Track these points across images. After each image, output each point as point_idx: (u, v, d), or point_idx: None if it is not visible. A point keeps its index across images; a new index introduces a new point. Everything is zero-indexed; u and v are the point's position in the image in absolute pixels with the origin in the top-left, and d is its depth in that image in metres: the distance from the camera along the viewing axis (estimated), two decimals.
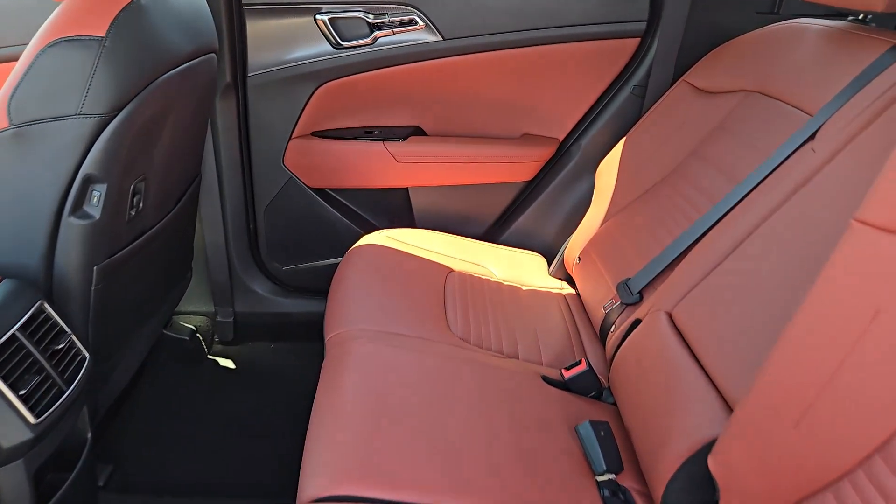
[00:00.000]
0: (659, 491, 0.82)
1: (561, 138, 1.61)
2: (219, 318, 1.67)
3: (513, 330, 1.24)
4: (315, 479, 0.78)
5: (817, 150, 0.92)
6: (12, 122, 0.87)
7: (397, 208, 1.65)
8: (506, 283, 1.41)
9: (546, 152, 1.60)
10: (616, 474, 0.90)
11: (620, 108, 1.52)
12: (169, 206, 1.25)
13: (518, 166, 1.60)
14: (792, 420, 0.62)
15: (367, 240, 1.42)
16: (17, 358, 0.80)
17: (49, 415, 0.81)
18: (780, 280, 0.82)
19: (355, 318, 1.14)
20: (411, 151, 1.57)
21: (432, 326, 1.16)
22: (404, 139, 1.57)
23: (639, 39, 1.48)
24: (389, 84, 1.54)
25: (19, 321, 0.82)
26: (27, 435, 0.78)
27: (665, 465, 0.81)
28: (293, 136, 1.56)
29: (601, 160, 1.49)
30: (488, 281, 1.39)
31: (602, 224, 1.37)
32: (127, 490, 1.19)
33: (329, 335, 1.13)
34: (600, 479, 0.88)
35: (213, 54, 1.23)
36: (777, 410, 0.64)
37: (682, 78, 1.39)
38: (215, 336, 1.69)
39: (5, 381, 0.77)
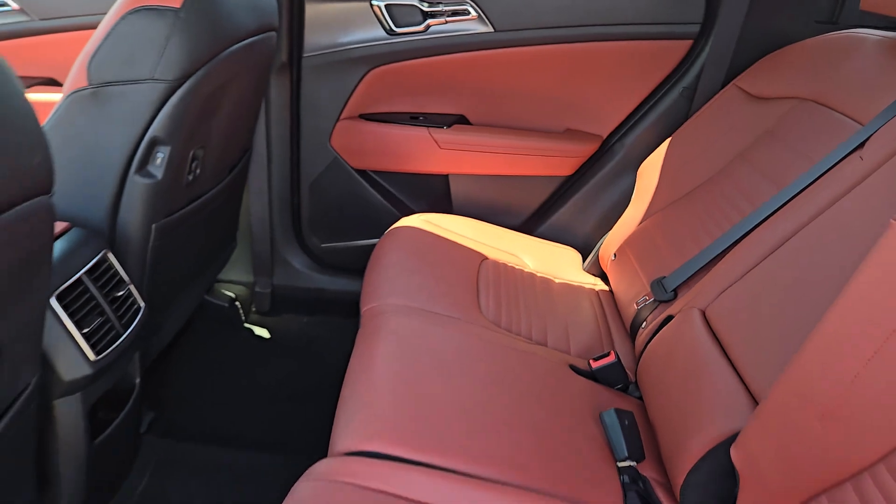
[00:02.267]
0: (679, 481, 0.84)
1: (605, 135, 1.62)
2: (257, 289, 1.73)
3: (543, 318, 1.26)
4: (347, 435, 0.82)
5: (865, 159, 0.92)
6: (91, 82, 0.93)
7: (436, 194, 1.68)
8: (539, 274, 1.43)
9: (588, 149, 1.61)
10: (637, 463, 0.92)
11: (668, 108, 1.52)
12: (222, 176, 1.31)
13: (559, 161, 1.62)
14: (817, 413, 0.64)
15: (405, 222, 1.46)
16: (82, 300, 0.86)
17: (107, 354, 0.87)
18: (816, 282, 0.82)
19: (390, 293, 1.18)
20: (454, 139, 1.60)
21: (464, 308, 1.20)
22: (448, 127, 1.60)
23: (691, 41, 1.48)
24: (438, 72, 1.57)
25: (85, 266, 0.88)
26: (87, 371, 0.84)
27: (687, 456, 0.83)
28: (341, 117, 1.60)
29: (643, 160, 1.49)
30: (521, 271, 1.41)
31: (641, 223, 1.38)
32: (167, 436, 1.26)
33: (365, 308, 1.17)
34: (621, 465, 0.90)
35: (274, 32, 1.28)
36: (803, 403, 0.65)
37: (733, 82, 1.39)
38: (253, 306, 1.76)
39: (71, 319, 0.83)
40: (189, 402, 1.38)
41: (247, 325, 1.72)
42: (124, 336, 0.92)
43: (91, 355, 0.85)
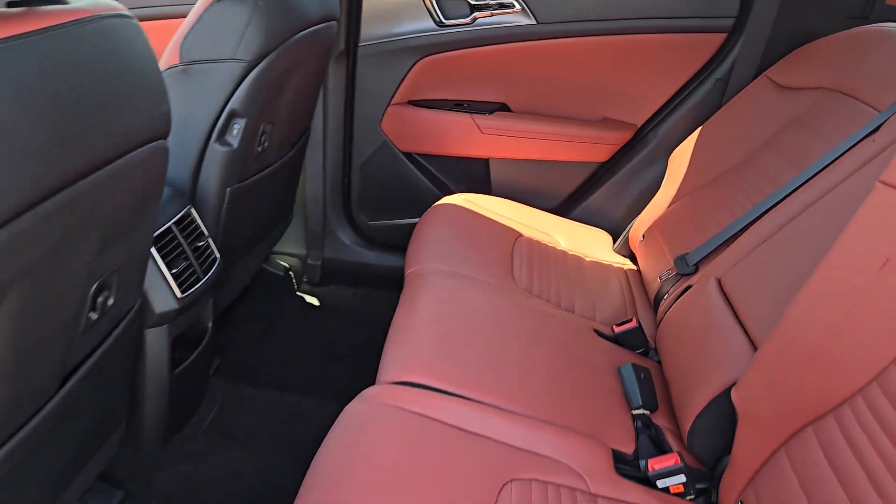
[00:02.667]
0: (686, 426, 0.93)
1: (639, 124, 1.70)
2: (309, 261, 1.88)
3: (572, 290, 1.36)
4: (392, 367, 0.94)
5: (877, 140, 0.99)
6: (182, 60, 1.08)
7: (477, 177, 1.79)
8: (571, 252, 1.52)
9: (623, 136, 1.70)
10: (651, 412, 1.01)
11: (701, 99, 1.60)
12: (284, 151, 1.45)
13: (594, 147, 1.71)
14: (805, 355, 0.72)
15: (447, 200, 1.58)
16: (171, 246, 1.01)
17: (190, 294, 1.02)
18: (821, 249, 0.90)
19: (431, 259, 1.30)
20: (496, 125, 1.71)
21: (498, 275, 1.31)
22: (490, 113, 1.71)
23: (725, 35, 1.55)
24: (483, 62, 1.68)
25: (174, 218, 1.03)
26: (174, 305, 0.99)
27: (695, 403, 0.92)
28: (391, 102, 1.73)
29: (675, 147, 1.57)
30: (554, 248, 1.51)
31: (669, 206, 1.46)
32: (230, 380, 1.41)
33: (408, 271, 1.29)
34: (635, 412, 1.00)
35: (335, 22, 1.42)
36: (794, 347, 0.74)
37: (764, 73, 1.45)
38: (304, 276, 1.90)
39: (163, 261, 0.97)
40: (248, 354, 1.53)
41: (298, 293, 1.87)
42: (203, 280, 1.07)
43: (178, 293, 0.99)
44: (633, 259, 1.56)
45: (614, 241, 1.64)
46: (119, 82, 0.57)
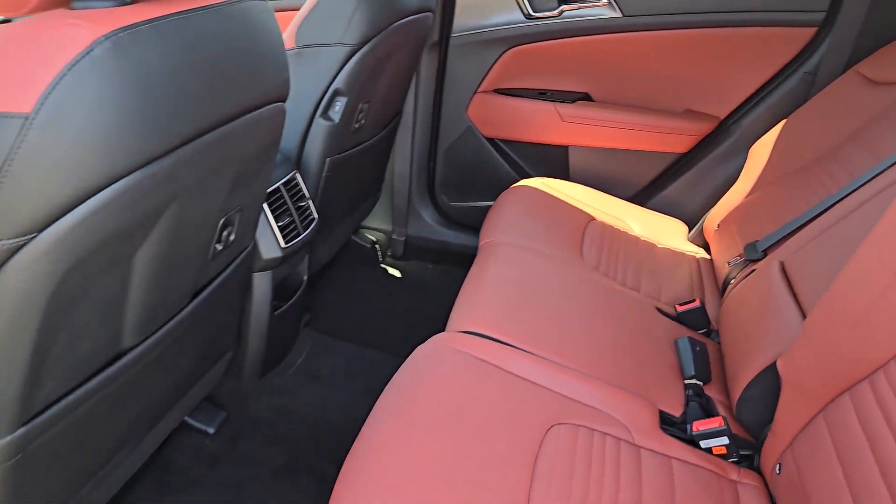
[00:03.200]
0: (736, 396, 0.98)
1: (722, 116, 1.71)
2: (393, 237, 2.03)
3: (640, 272, 1.41)
4: (460, 318, 1.06)
5: None
6: (297, 44, 1.24)
7: (556, 163, 1.87)
8: (643, 238, 1.57)
9: (705, 128, 1.71)
10: (703, 384, 1.06)
11: (787, 93, 1.59)
12: (377, 131, 1.60)
13: (676, 138, 1.73)
14: (848, 323, 0.76)
15: (525, 182, 1.66)
16: (278, 203, 1.17)
17: (291, 245, 1.18)
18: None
19: (504, 233, 1.40)
20: (577, 114, 1.78)
21: (568, 253, 1.38)
22: (572, 102, 1.78)
23: (815, 29, 1.53)
24: (568, 53, 1.75)
25: (282, 179, 1.19)
26: (277, 253, 1.15)
27: (746, 373, 0.97)
28: (478, 90, 1.84)
29: (758, 140, 1.57)
30: (626, 233, 1.56)
31: (745, 197, 1.47)
32: (318, 332, 1.58)
33: (482, 242, 1.40)
34: (688, 381, 1.05)
35: (431, 13, 1.54)
36: (839, 313, 0.78)
37: (854, 68, 1.43)
38: (388, 251, 2.06)
39: (272, 214, 1.14)
40: (335, 313, 1.70)
41: (382, 265, 2.02)
42: (303, 236, 1.22)
43: (282, 243, 1.16)
44: (707, 249, 1.58)
45: (690, 231, 1.66)
46: (254, 51, 0.72)
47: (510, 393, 0.93)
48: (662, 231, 1.63)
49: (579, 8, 1.69)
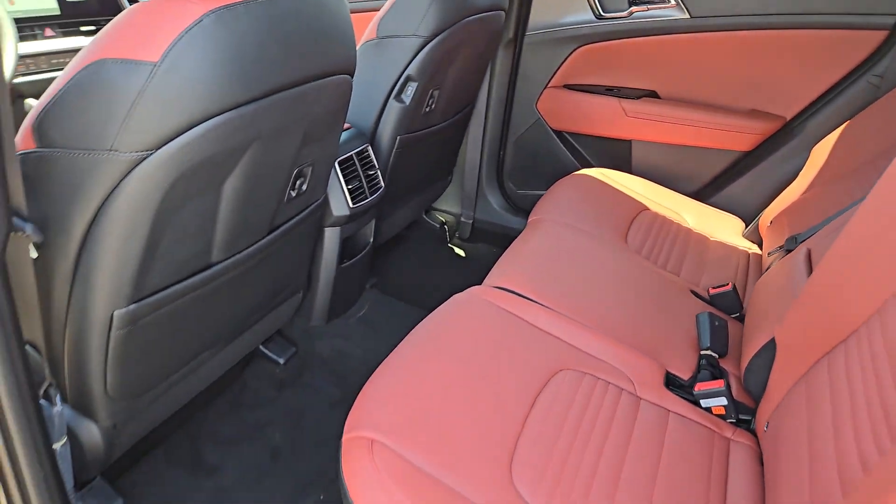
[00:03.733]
0: (744, 364, 1.04)
1: (788, 117, 1.72)
2: (462, 219, 2.18)
3: (683, 259, 1.47)
4: (496, 275, 1.19)
5: None
6: (378, 35, 1.43)
7: (619, 156, 1.94)
8: (695, 230, 1.62)
9: (770, 127, 1.73)
10: (719, 356, 1.12)
11: (854, 95, 1.58)
12: (447, 117, 1.76)
13: (740, 136, 1.76)
14: (834, 284, 0.82)
15: (585, 171, 1.76)
16: (350, 169, 1.36)
17: (358, 206, 1.36)
18: None
19: (552, 211, 1.51)
20: (642, 110, 1.85)
21: (612, 236, 1.47)
22: (637, 98, 1.85)
23: (886, 33, 1.52)
24: (636, 52, 1.83)
25: (355, 150, 1.38)
26: (346, 212, 1.34)
27: (755, 343, 1.03)
28: (548, 85, 1.96)
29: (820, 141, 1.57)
30: (678, 224, 1.62)
31: (801, 195, 1.49)
32: (381, 292, 1.77)
33: (530, 219, 1.52)
34: (703, 352, 1.12)
35: (502, 12, 1.68)
36: (827, 278, 0.84)
37: None
38: (456, 232, 2.21)
39: (343, 177, 1.33)
40: (400, 280, 1.88)
41: (450, 244, 2.18)
42: (369, 199, 1.41)
43: (350, 203, 1.34)
44: (761, 245, 1.60)
45: (746, 228, 1.68)
46: (324, 30, 0.89)
47: (527, 340, 1.05)
48: (717, 225, 1.67)
49: (648, 9, 1.77)
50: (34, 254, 0.72)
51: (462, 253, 2.15)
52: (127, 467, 1.18)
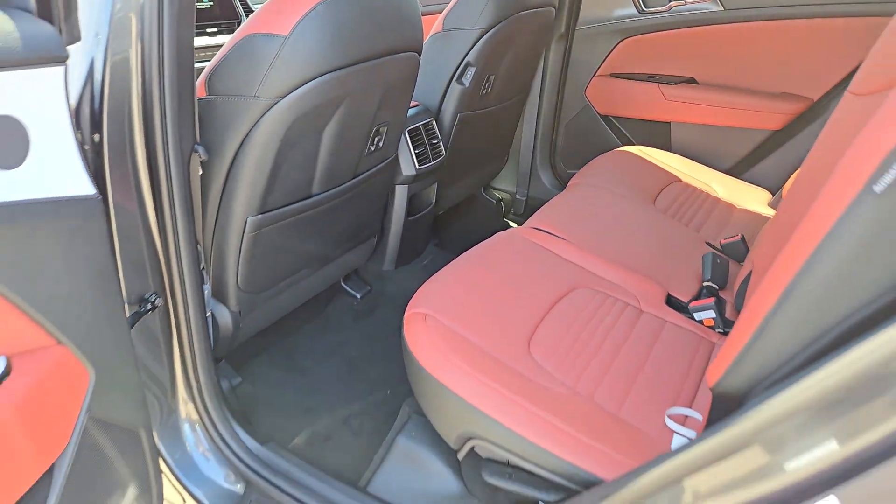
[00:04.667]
0: (735, 288, 1.25)
1: (815, 98, 1.87)
2: (517, 196, 2.44)
3: (706, 219, 1.67)
4: (535, 219, 1.46)
5: None
6: (444, 28, 1.73)
7: (659, 137, 2.15)
8: (723, 199, 1.81)
9: (798, 108, 1.89)
10: (719, 288, 1.33)
11: None
12: (503, 100, 2.03)
13: (770, 116, 1.93)
14: (791, 224, 1.03)
15: (625, 147, 1.99)
16: (417, 138, 1.66)
17: (423, 168, 1.66)
18: None
19: (588, 178, 1.75)
20: (680, 94, 2.05)
21: (641, 197, 1.69)
22: (676, 84, 2.06)
23: None
24: (675, 42, 2.03)
25: (422, 122, 1.69)
26: (412, 171, 1.64)
27: (744, 271, 1.23)
28: (596, 74, 2.19)
29: None
30: (707, 193, 1.81)
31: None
32: (441, 249, 2.07)
33: (570, 183, 1.77)
34: (705, 283, 1.33)
35: (552, 8, 1.94)
36: (793, 206, 1.05)
37: None
38: (511, 208, 2.47)
39: (411, 143, 1.63)
40: (457, 242, 2.17)
41: (505, 219, 2.45)
42: (432, 163, 1.70)
43: (416, 164, 1.64)
44: None
45: (773, 197, 1.85)
46: (399, 15, 1.20)
47: (553, 266, 1.31)
48: (744, 195, 1.85)
49: (686, 3, 1.97)
50: (200, 171, 1.06)
51: (515, 226, 2.41)
52: (239, 365, 1.53)
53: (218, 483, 1.13)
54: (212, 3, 2.06)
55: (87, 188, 0.73)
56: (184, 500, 1.14)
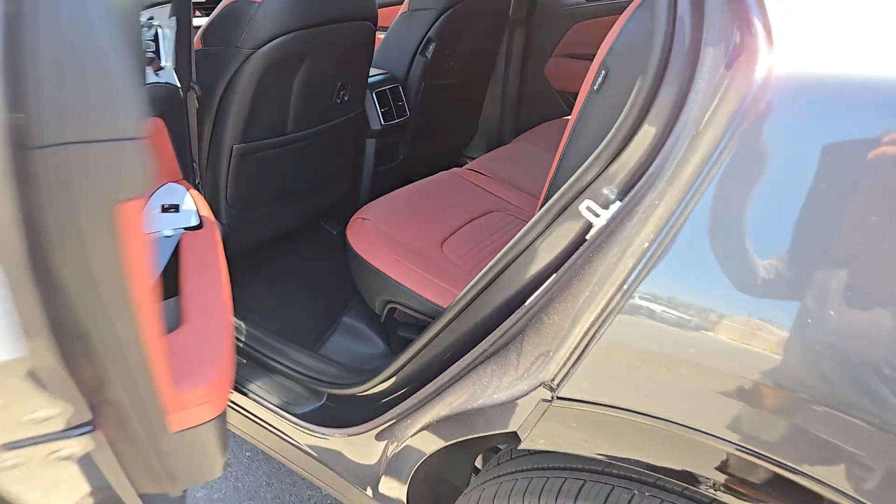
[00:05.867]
0: None
1: None
2: None
3: None
4: (474, 164, 1.78)
5: None
6: (410, 9, 2.06)
7: None
8: None
9: None
10: None
11: None
12: (466, 75, 2.36)
13: None
14: None
15: (566, 118, 2.30)
16: (383, 98, 2.00)
17: (388, 124, 2.00)
18: None
19: (528, 138, 2.07)
20: None
21: None
22: None
23: None
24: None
25: (388, 87, 2.03)
26: (378, 126, 1.98)
27: None
28: (551, 55, 2.51)
29: None
30: None
31: None
32: None
33: (515, 140, 2.09)
34: None
35: None
36: None
37: None
38: None
39: (377, 100, 1.97)
40: None
41: None
42: (396, 121, 2.04)
43: (381, 120, 1.98)
44: None
45: None
46: None
47: (475, 196, 1.64)
48: None
49: None
50: (196, 105, 1.41)
51: None
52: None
53: None
54: None
55: None
56: None
